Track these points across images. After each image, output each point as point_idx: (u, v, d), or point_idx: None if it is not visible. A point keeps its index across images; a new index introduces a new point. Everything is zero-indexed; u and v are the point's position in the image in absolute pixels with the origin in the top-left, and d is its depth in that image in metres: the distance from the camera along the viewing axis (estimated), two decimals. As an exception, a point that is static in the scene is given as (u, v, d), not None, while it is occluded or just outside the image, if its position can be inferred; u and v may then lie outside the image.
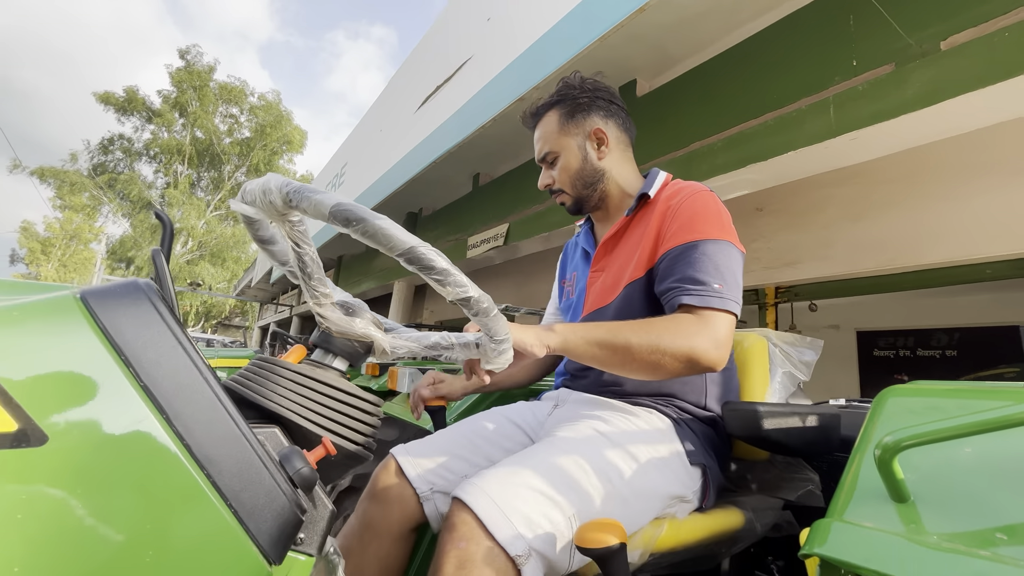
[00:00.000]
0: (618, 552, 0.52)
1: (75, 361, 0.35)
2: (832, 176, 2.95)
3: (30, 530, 0.31)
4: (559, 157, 0.99)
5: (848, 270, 3.28)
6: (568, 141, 0.98)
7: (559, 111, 0.99)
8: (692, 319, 0.75)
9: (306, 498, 0.49)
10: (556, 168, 0.99)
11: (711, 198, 0.87)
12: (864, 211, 3.12)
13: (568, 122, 0.98)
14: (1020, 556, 0.38)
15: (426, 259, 0.52)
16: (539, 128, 1.01)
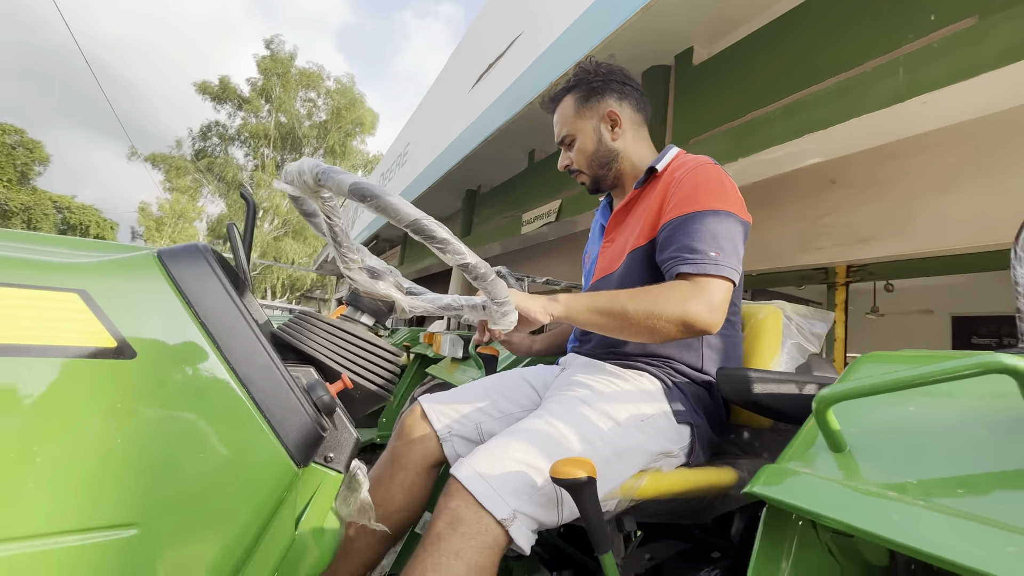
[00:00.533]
0: (586, 484, 0.60)
1: (154, 301, 0.49)
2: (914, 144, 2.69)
3: (124, 417, 0.45)
4: (576, 139, 1.05)
5: (930, 247, 2.99)
6: (584, 124, 1.03)
7: (575, 95, 1.04)
8: (687, 285, 0.79)
9: (327, 420, 0.61)
10: (574, 150, 1.06)
11: (714, 170, 0.90)
12: (952, 182, 2.81)
13: (583, 106, 1.03)
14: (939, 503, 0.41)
15: (428, 230, 0.62)
16: (557, 112, 1.07)
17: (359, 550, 0.86)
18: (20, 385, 0.41)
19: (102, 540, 0.43)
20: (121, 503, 0.43)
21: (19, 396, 0.41)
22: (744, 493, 0.52)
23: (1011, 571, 0.32)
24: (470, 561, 0.62)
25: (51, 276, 0.44)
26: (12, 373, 0.41)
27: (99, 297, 0.45)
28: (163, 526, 0.46)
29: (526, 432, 0.75)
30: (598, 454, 0.73)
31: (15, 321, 0.42)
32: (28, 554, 0.40)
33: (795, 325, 0.96)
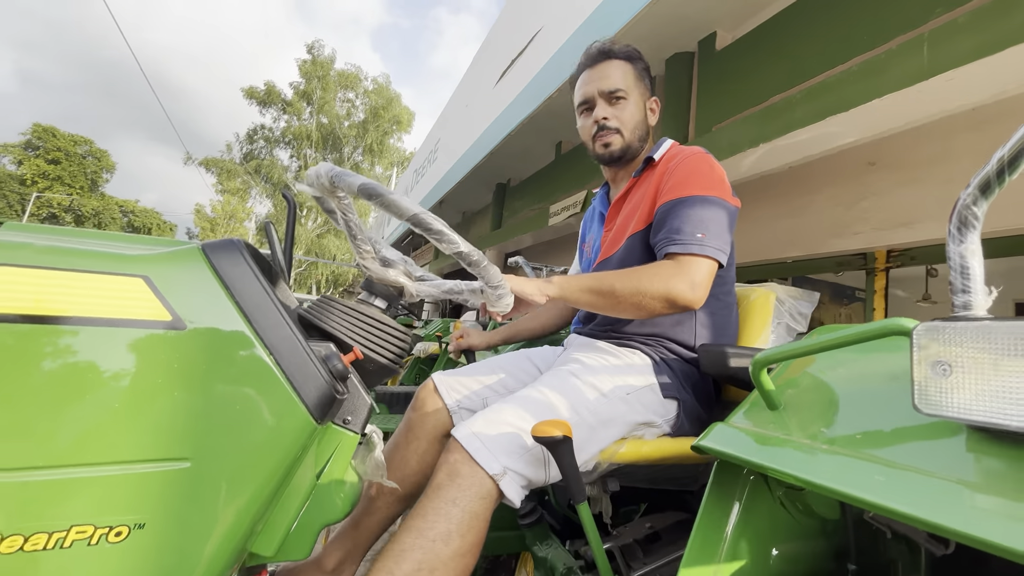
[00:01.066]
0: (561, 442, 0.68)
1: (199, 284, 0.60)
2: (961, 121, 2.57)
3: (178, 374, 0.57)
4: (626, 101, 1.05)
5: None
6: (637, 93, 1.07)
7: (635, 65, 1.07)
8: (671, 264, 0.86)
9: (342, 385, 0.72)
10: (619, 108, 1.05)
11: (704, 159, 0.96)
12: (1003, 159, 2.66)
13: (641, 79, 1.08)
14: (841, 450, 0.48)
15: (425, 223, 0.72)
16: (610, 66, 1.05)
17: (380, 508, 0.98)
18: (100, 348, 0.53)
19: (164, 469, 0.55)
20: (178, 441, 0.55)
21: (99, 356, 0.53)
22: (692, 447, 0.59)
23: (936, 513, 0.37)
24: (464, 508, 0.72)
25: (121, 264, 0.57)
26: (93, 339, 0.53)
27: (158, 281, 0.57)
28: (210, 463, 0.57)
29: (520, 399, 0.83)
30: (583, 421, 0.81)
31: (94, 300, 0.54)
32: (110, 476, 0.52)
33: (786, 307, 1.00)
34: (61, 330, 0.52)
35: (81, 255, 0.55)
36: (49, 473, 0.50)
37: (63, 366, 0.52)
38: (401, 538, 0.70)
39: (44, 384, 0.51)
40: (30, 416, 0.50)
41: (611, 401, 0.85)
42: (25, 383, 0.50)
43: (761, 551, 0.62)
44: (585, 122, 1.09)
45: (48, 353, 0.51)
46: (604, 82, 1.04)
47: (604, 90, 1.04)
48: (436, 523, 0.70)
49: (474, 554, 0.71)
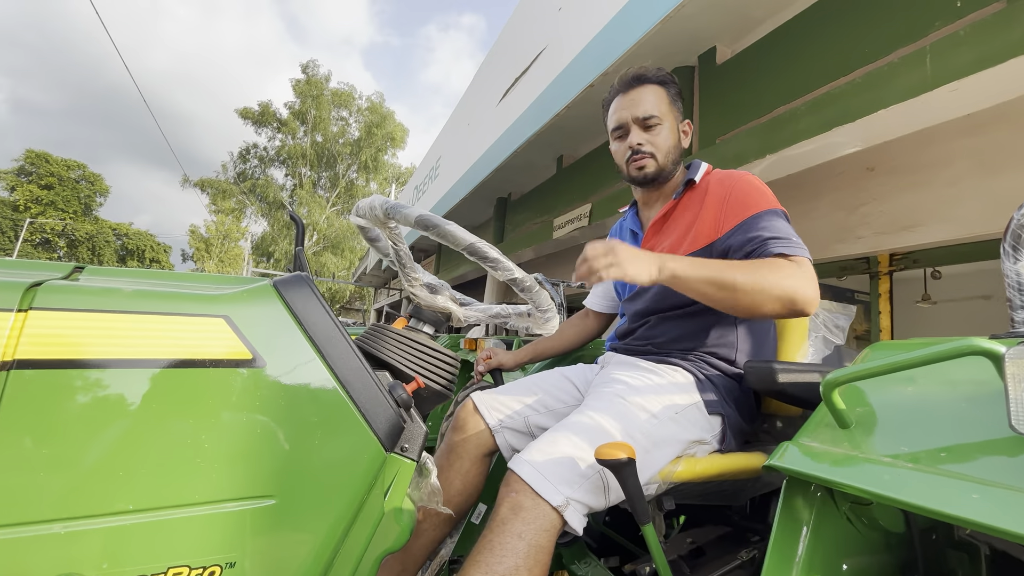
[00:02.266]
0: (627, 464, 0.69)
1: (274, 321, 0.62)
2: (959, 126, 2.63)
3: (260, 411, 0.58)
4: (661, 126, 1.06)
5: (983, 230, 2.90)
6: (671, 117, 1.08)
7: (667, 90, 1.08)
8: (789, 264, 0.84)
9: (405, 414, 0.73)
10: (653, 133, 1.06)
11: (757, 179, 1.01)
12: (1004, 162, 2.72)
13: (674, 103, 1.09)
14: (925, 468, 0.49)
15: (482, 251, 0.73)
16: (644, 92, 1.07)
17: (426, 530, 0.98)
18: (187, 389, 0.54)
19: (252, 507, 0.56)
20: (263, 478, 0.56)
21: (188, 397, 0.54)
22: (764, 467, 0.60)
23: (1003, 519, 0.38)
24: (530, 541, 0.72)
25: (203, 306, 0.58)
26: (181, 380, 0.54)
27: (237, 320, 0.59)
28: (294, 499, 0.58)
29: (572, 427, 0.83)
30: (637, 444, 0.81)
31: (180, 341, 0.55)
32: (200, 516, 0.53)
33: (821, 319, 1.02)
34: (151, 373, 0.53)
35: (166, 298, 0.57)
36: (146, 516, 0.51)
37: (153, 409, 0.53)
38: (469, 573, 0.70)
39: (136, 427, 0.52)
40: (124, 460, 0.51)
41: (661, 421, 0.86)
42: (118, 427, 0.51)
43: (832, 566, 0.63)
44: (619, 146, 1.10)
45: (139, 396, 0.52)
46: (638, 108, 1.05)
47: (638, 116, 1.06)
48: (504, 558, 0.70)
49: None
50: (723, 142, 2.85)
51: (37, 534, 0.46)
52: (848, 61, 2.12)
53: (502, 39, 5.16)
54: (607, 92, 1.15)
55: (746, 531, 1.10)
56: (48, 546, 0.47)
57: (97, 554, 0.48)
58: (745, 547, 1.04)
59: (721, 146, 2.81)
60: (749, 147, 2.59)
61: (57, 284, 0.52)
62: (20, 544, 0.46)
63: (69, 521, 0.48)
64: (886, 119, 1.97)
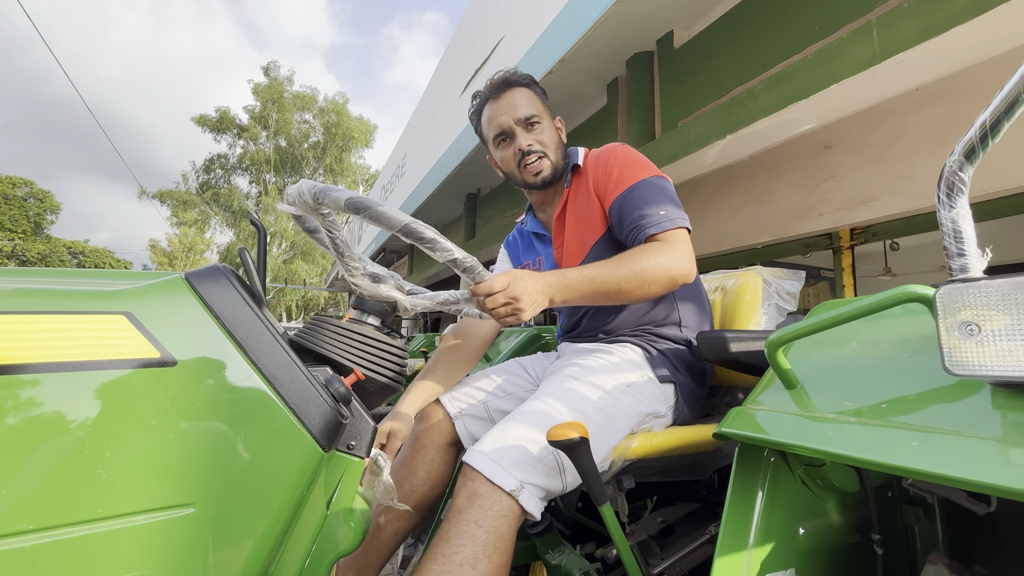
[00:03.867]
0: (579, 444, 0.67)
1: (186, 316, 0.57)
2: (909, 100, 2.70)
3: (173, 414, 0.53)
4: (542, 124, 1.06)
5: (933, 202, 2.99)
6: (546, 116, 1.08)
7: (534, 91, 1.08)
8: (659, 244, 0.88)
9: (345, 409, 0.69)
10: (537, 133, 1.05)
11: (626, 149, 1.03)
12: (950, 133, 2.81)
13: (544, 101, 1.09)
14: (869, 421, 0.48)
15: (417, 232, 0.69)
16: (516, 95, 1.05)
17: (389, 523, 0.94)
18: (84, 394, 0.49)
19: (167, 518, 0.51)
20: (179, 486, 0.52)
21: (84, 403, 0.49)
22: (714, 434, 0.58)
23: (979, 472, 0.36)
24: (488, 528, 0.70)
25: (101, 302, 0.52)
26: (76, 385, 0.49)
27: (141, 316, 0.54)
28: (215, 505, 0.53)
29: (525, 413, 0.82)
30: (591, 421, 0.80)
31: (74, 342, 0.50)
32: (109, 532, 0.48)
33: (774, 288, 1.02)
34: (40, 379, 0.48)
35: (55, 296, 0.51)
36: (42, 536, 0.46)
37: (44, 418, 0.47)
38: (427, 566, 0.68)
39: (26, 440, 0.46)
40: (13, 477, 0.45)
41: (614, 396, 0.85)
42: (5, 441, 0.46)
43: (789, 530, 0.61)
44: (506, 153, 1.07)
45: (27, 405, 0.47)
46: (517, 110, 1.03)
47: (520, 117, 1.03)
48: (461, 547, 0.68)
49: (504, 574, 0.70)
50: (685, 125, 2.86)
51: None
52: (801, 38, 2.15)
53: (460, 31, 5.09)
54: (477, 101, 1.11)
55: (715, 505, 1.09)
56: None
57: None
58: (714, 521, 1.03)
59: (683, 129, 2.83)
60: (710, 128, 2.61)
61: (-83, 285, 0.46)
62: None
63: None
64: (838, 94, 2.00)
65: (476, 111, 1.11)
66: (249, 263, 0.90)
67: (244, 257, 0.93)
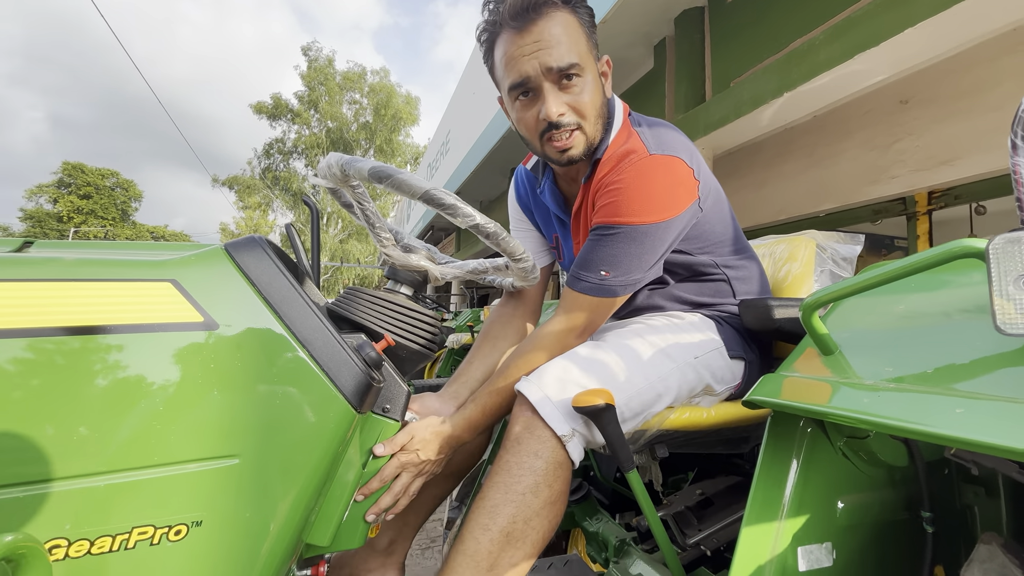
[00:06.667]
0: (604, 411, 0.66)
1: (226, 283, 0.60)
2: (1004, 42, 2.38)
3: (216, 373, 0.57)
4: (583, 79, 0.76)
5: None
6: (591, 61, 0.78)
7: (580, 17, 0.77)
8: (560, 314, 0.83)
9: (377, 373, 0.71)
10: (575, 93, 0.77)
11: (651, 171, 0.76)
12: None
13: (591, 36, 0.78)
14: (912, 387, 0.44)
15: (438, 198, 0.70)
16: (551, 24, 0.74)
17: (428, 485, 0.98)
18: (138, 354, 0.54)
19: (215, 467, 0.55)
20: (224, 439, 0.56)
21: (139, 362, 0.54)
22: (744, 402, 0.56)
23: (981, 431, 0.34)
24: (547, 459, 0.70)
25: (149, 271, 0.57)
26: (131, 346, 0.54)
27: (186, 284, 0.58)
28: (257, 458, 0.58)
29: (584, 359, 0.78)
30: (649, 386, 0.77)
31: (128, 307, 0.55)
32: (166, 477, 0.53)
33: (828, 253, 0.95)
34: (99, 340, 0.53)
35: (110, 265, 0.56)
36: (106, 479, 0.51)
37: (106, 374, 0.52)
38: (490, 494, 0.69)
39: (90, 393, 0.52)
40: (82, 425, 0.51)
41: (676, 363, 0.80)
42: (72, 393, 0.51)
43: (825, 505, 0.59)
44: (525, 113, 0.80)
45: (90, 362, 0.52)
46: (550, 55, 0.73)
47: (552, 66, 0.74)
48: (522, 477, 0.69)
49: (563, 501, 0.71)
50: (738, 84, 2.68)
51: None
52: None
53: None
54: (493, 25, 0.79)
55: (757, 480, 1.06)
56: (8, 509, 0.48)
57: (59, 516, 0.49)
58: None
59: (736, 89, 2.65)
60: (766, 87, 2.43)
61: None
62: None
63: (28, 485, 0.49)
64: (916, 40, 1.79)
65: (488, 37, 0.80)
66: (294, 237, 0.94)
67: (290, 232, 0.97)
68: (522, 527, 0.68)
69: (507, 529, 0.67)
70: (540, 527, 0.69)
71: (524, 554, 0.68)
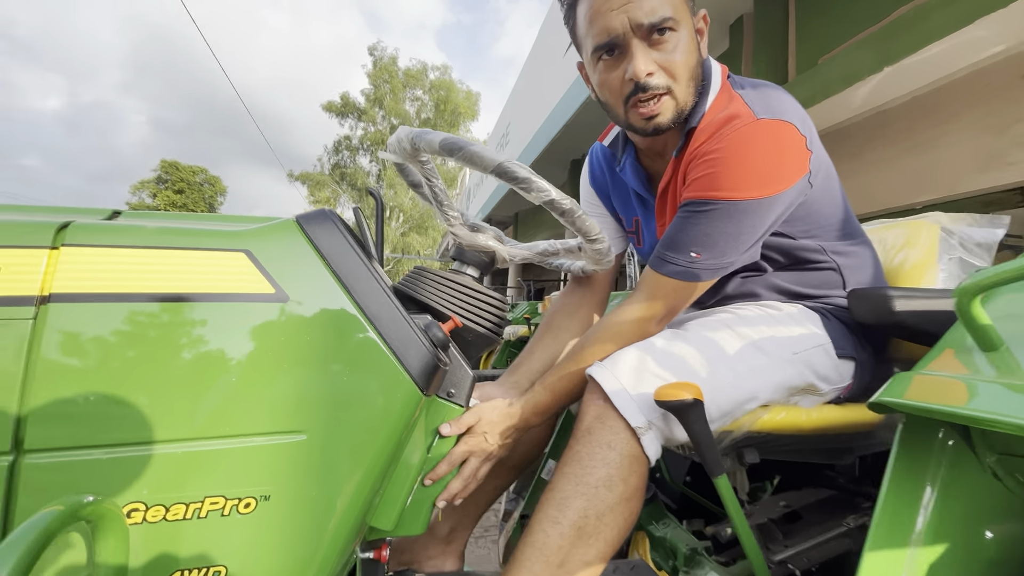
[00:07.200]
0: (692, 407, 0.59)
1: (297, 255, 0.59)
2: None
3: (286, 346, 0.56)
4: (678, 35, 0.70)
5: None
6: (686, 13, 0.71)
7: None
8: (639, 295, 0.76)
9: (444, 355, 0.68)
10: (667, 51, 0.70)
11: (757, 138, 0.67)
12: None
13: None
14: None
15: (511, 171, 0.65)
16: None
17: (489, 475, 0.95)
18: (213, 323, 0.54)
19: (283, 442, 0.54)
20: (292, 414, 0.55)
21: (213, 331, 0.53)
22: (870, 404, 0.47)
23: None
24: (622, 451, 0.65)
25: (224, 241, 0.57)
26: (206, 314, 0.54)
27: (259, 254, 0.57)
28: (324, 435, 0.56)
29: (663, 350, 0.72)
30: (724, 380, 0.69)
31: (203, 276, 0.54)
32: (238, 449, 0.53)
33: (957, 239, 0.81)
34: (178, 308, 0.53)
35: (187, 234, 0.56)
36: (183, 446, 0.51)
37: (183, 342, 0.52)
38: (560, 485, 0.65)
39: (168, 360, 0.52)
40: (161, 392, 0.51)
41: (772, 358, 0.72)
42: (152, 360, 0.51)
43: (968, 534, 0.49)
44: (609, 75, 0.73)
45: (169, 330, 0.52)
46: (640, 7, 0.67)
47: (643, 22, 0.68)
48: (594, 469, 0.64)
49: (639, 499, 0.66)
50: (827, 61, 2.44)
51: (76, 459, 0.48)
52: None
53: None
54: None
55: (854, 495, 0.94)
56: (88, 471, 0.48)
57: (138, 481, 0.50)
58: (852, 512, 0.89)
59: (824, 67, 2.41)
60: (861, 63, 2.19)
61: (85, 224, 0.53)
62: (60, 468, 0.48)
63: (111, 448, 0.49)
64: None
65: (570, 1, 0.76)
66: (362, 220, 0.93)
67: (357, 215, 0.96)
68: (594, 523, 0.63)
69: (578, 523, 0.62)
70: (614, 524, 0.63)
71: (596, 553, 0.63)
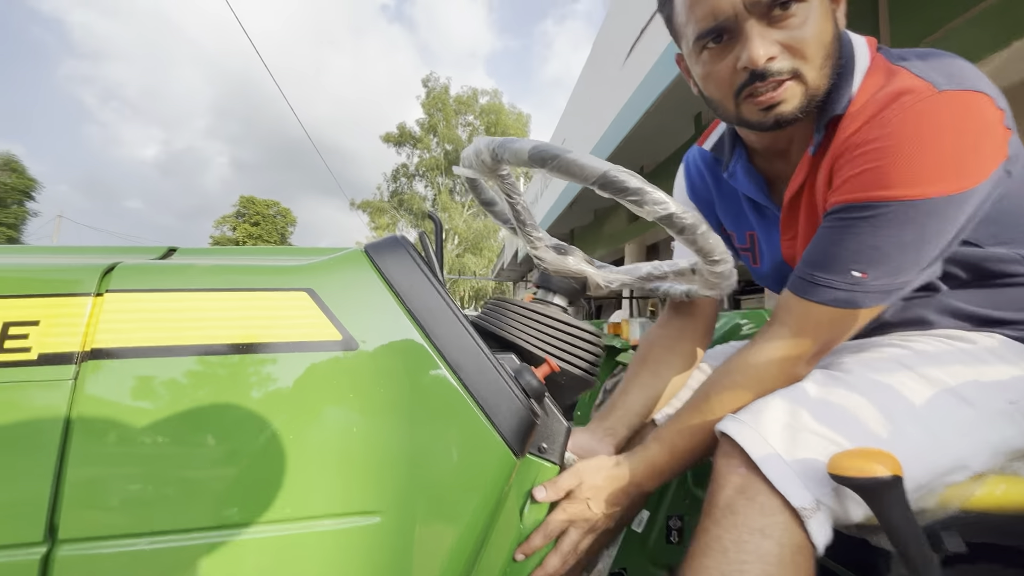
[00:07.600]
0: (888, 485, 0.43)
1: (367, 292, 0.50)
2: None
3: (357, 407, 0.46)
4: (806, 6, 0.56)
5: None
6: None
7: None
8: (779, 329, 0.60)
9: (537, 406, 0.56)
10: (791, 28, 0.56)
11: (943, 112, 0.51)
12: None
13: None
14: None
15: (619, 181, 0.52)
16: None
17: None
18: (267, 380, 0.44)
19: (352, 525, 0.44)
20: (364, 491, 0.44)
21: (268, 391, 0.44)
22: None
23: None
24: (782, 541, 0.48)
25: (282, 279, 0.48)
26: (259, 369, 0.44)
27: (323, 294, 0.48)
28: (402, 515, 0.45)
29: (818, 402, 0.55)
30: (919, 445, 0.52)
31: (257, 322, 0.46)
32: (293, 536, 0.42)
33: None
34: (230, 361, 0.44)
35: (242, 272, 0.48)
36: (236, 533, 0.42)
37: (237, 405, 0.43)
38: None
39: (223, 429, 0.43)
40: (210, 469, 0.42)
41: (980, 412, 0.54)
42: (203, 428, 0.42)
43: None
44: (715, 66, 0.60)
45: (222, 387, 0.43)
46: None
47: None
48: (745, 566, 0.48)
49: None
50: (930, 43, 2.15)
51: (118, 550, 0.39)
52: None
53: None
54: None
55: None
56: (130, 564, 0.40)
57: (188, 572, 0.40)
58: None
59: (927, 49, 2.12)
60: (975, 41, 1.90)
61: (132, 265, 0.46)
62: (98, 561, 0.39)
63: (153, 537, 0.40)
64: None
65: None
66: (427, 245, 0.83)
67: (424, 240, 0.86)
68: None
69: None
70: None
71: None
